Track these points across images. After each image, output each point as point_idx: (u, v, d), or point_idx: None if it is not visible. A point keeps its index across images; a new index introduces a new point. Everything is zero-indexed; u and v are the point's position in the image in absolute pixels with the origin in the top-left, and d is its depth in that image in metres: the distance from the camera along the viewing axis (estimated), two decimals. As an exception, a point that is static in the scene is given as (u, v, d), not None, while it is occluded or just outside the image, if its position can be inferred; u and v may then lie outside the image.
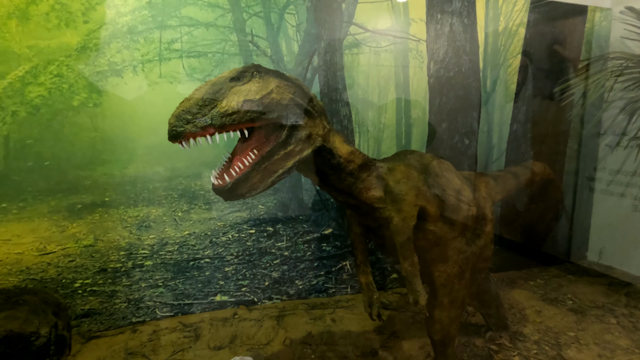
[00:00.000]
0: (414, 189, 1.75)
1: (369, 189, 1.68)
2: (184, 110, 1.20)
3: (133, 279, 2.81)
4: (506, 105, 3.59)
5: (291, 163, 1.37)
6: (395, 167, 1.79)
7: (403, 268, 1.74)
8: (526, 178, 2.80)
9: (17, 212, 2.53)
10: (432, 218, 1.82)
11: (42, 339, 2.21)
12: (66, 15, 2.48)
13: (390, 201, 1.72)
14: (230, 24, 2.77)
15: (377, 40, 3.11)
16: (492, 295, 2.53)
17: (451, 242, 1.93)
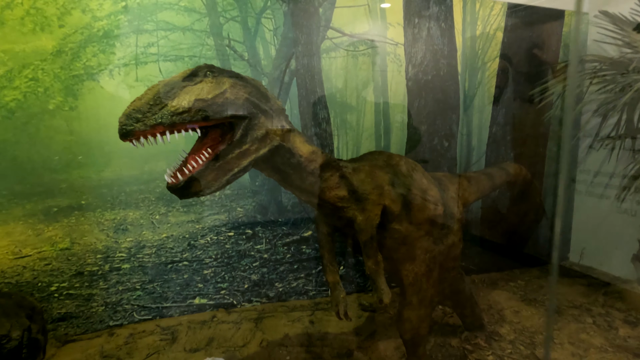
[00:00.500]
0: (377, 188, 1.77)
1: (332, 188, 1.70)
2: (134, 109, 1.21)
3: (110, 282, 2.81)
4: (485, 108, 3.64)
5: (247, 162, 1.39)
6: (360, 167, 1.81)
7: (367, 267, 1.76)
8: (502, 179, 2.83)
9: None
10: (397, 217, 1.85)
11: (13, 342, 2.20)
12: (41, 20, 2.50)
13: (354, 200, 1.74)
14: (207, 28, 2.80)
15: (355, 44, 3.15)
16: (466, 295, 2.55)
17: (418, 241, 1.95)
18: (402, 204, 1.82)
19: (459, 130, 3.38)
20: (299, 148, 1.55)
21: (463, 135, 3.65)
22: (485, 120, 3.56)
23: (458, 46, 3.27)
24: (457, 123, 3.42)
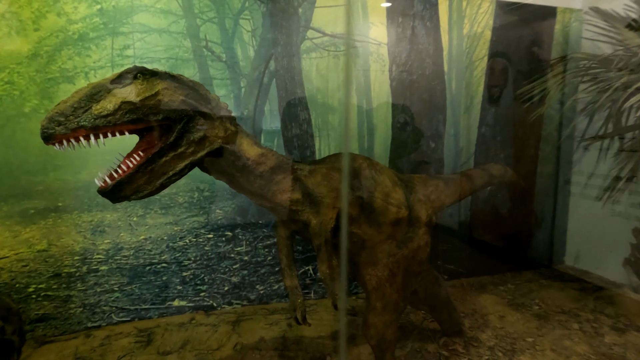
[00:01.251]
0: (333, 191, 1.74)
1: (284, 191, 1.67)
2: (57, 112, 1.21)
3: (88, 284, 2.83)
4: (473, 108, 3.57)
5: (183, 165, 1.38)
6: (317, 170, 1.78)
7: (320, 271, 1.73)
8: (483, 181, 2.77)
9: (-32, 217, 2.56)
10: (355, 221, 1.81)
11: (-18, 343, 2.21)
12: (16, 24, 2.53)
13: (308, 203, 1.71)
14: (184, 30, 2.79)
15: (336, 44, 3.12)
16: (442, 299, 2.50)
17: (379, 245, 1.91)
18: (360, 207, 1.78)
19: (446, 131, 3.30)
20: (246, 150, 1.53)
21: (450, 136, 3.58)
22: (473, 121, 3.49)
23: (444, 45, 3.20)
24: (443, 123, 3.36)
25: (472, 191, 2.75)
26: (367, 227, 1.86)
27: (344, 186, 1.75)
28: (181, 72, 2.87)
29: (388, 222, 1.91)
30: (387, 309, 1.99)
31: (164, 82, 1.35)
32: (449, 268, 3.72)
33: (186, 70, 2.83)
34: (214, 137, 1.44)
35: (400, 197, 1.98)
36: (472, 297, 3.41)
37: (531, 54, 3.74)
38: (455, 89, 3.54)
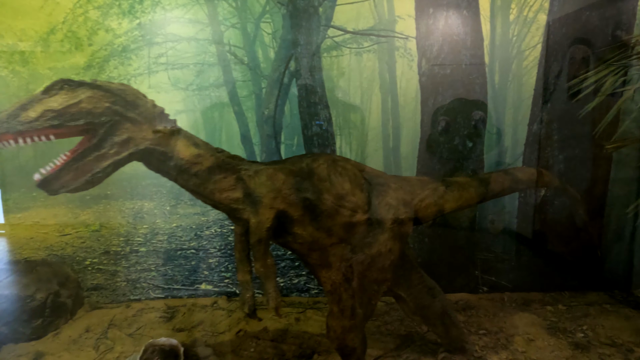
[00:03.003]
0: (272, 191, 1.77)
1: (223, 190, 1.76)
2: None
3: (130, 262, 3.27)
4: (522, 103, 3.18)
5: (106, 164, 1.56)
6: (262, 170, 1.83)
7: (255, 269, 1.78)
8: (503, 186, 2.49)
9: (44, 199, 3.17)
10: (298, 222, 1.82)
11: (36, 302, 2.74)
12: (75, 41, 3.02)
13: (249, 203, 1.78)
14: (209, 37, 3.03)
15: (359, 41, 3.06)
16: (436, 312, 2.34)
17: (331, 248, 1.89)
18: (304, 209, 1.78)
19: (487, 129, 3.03)
20: (181, 151, 1.66)
21: (492, 135, 3.24)
22: (522, 117, 3.12)
23: (485, 34, 2.93)
24: (484, 121, 3.08)
25: (488, 197, 2.49)
26: (312, 228, 1.84)
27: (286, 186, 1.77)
28: (207, 76, 3.12)
29: (339, 225, 1.87)
30: (345, 314, 1.95)
31: (89, 91, 1.54)
32: (490, 279, 3.39)
33: (212, 73, 3.06)
34: (140, 139, 1.60)
35: (357, 200, 1.91)
36: (506, 314, 3.07)
37: (614, 38, 3.19)
38: (498, 83, 3.18)
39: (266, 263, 1.79)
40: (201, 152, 1.75)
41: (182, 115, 3.13)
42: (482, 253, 3.40)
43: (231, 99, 3.10)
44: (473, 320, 3.00)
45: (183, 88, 3.08)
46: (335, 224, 1.86)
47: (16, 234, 3.30)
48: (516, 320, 3.03)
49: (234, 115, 3.13)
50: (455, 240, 3.38)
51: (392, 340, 2.73)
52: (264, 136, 3.17)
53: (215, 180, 1.78)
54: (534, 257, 3.42)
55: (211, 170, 1.76)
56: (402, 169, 3.24)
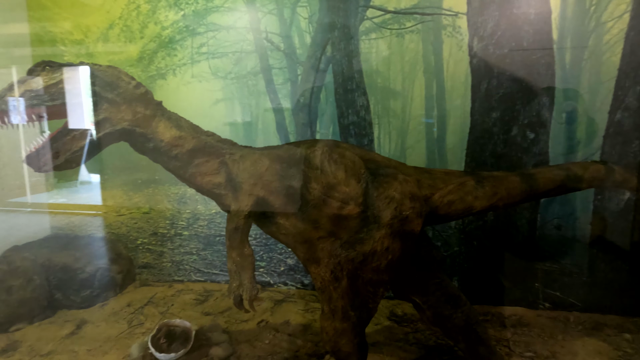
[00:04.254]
0: (253, 177, 1.69)
1: (205, 174, 1.72)
2: None
3: (175, 244, 3.45)
4: (600, 87, 2.66)
5: (82, 143, 1.59)
6: (248, 155, 1.76)
7: (229, 257, 1.70)
8: (554, 184, 2.10)
9: (103, 182, 3.47)
10: (280, 211, 1.69)
11: (85, 274, 3.01)
12: (129, 34, 3.25)
13: (230, 188, 1.71)
14: (247, 24, 3.03)
15: (401, 21, 2.81)
16: (458, 325, 2.06)
17: (318, 242, 1.74)
18: (286, 197, 1.66)
19: (554, 118, 2.62)
20: (161, 133, 1.66)
21: (561, 125, 2.76)
22: (601, 104, 2.62)
23: (554, 5, 2.54)
24: (550, 108, 2.69)
25: (534, 196, 2.12)
26: (296, 219, 1.71)
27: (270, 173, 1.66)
28: (244, 64, 3.14)
29: (326, 217, 1.71)
30: (336, 315, 1.79)
31: (67, 72, 1.58)
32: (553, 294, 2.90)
33: (249, 61, 3.07)
34: (117, 120, 1.62)
35: (350, 191, 1.72)
36: (567, 337, 2.60)
37: None
38: (570, 63, 2.69)
39: (243, 252, 1.71)
40: (183, 134, 1.73)
41: (221, 104, 3.18)
42: (545, 263, 2.92)
43: (267, 87, 3.07)
44: (521, 339, 2.59)
45: (222, 77, 3.14)
46: (322, 215, 1.70)
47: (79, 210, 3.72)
48: (577, 345, 2.54)
49: (270, 103, 3.09)
50: (511, 245, 2.95)
51: (417, 351, 2.47)
52: (299, 124, 3.09)
53: (197, 164, 1.74)
54: (613, 273, 2.84)
55: (192, 153, 1.73)
56: (447, 162, 2.92)
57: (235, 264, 1.74)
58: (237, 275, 1.90)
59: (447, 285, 2.10)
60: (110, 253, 3.30)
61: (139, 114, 1.69)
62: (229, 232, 1.74)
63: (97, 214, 3.80)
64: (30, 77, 1.64)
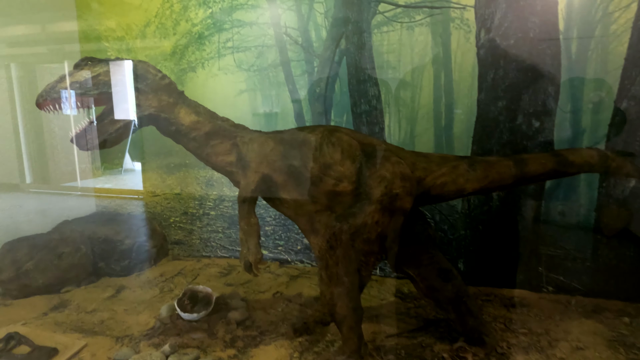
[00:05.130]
0: (259, 157, 1.95)
1: (219, 154, 2.00)
2: (44, 90, 1.91)
3: (203, 223, 3.79)
4: (606, 76, 2.73)
5: (118, 126, 1.89)
6: (256, 138, 2.01)
7: (240, 226, 1.96)
8: (545, 169, 2.24)
9: (143, 167, 3.85)
10: (282, 187, 1.95)
11: (124, 246, 3.41)
12: (163, 31, 3.58)
13: (240, 167, 1.97)
14: (268, 20, 3.29)
15: (411, 14, 2.98)
16: (448, 297, 2.26)
17: (316, 214, 1.98)
18: (288, 175, 1.91)
19: (560, 107, 2.75)
20: (182, 118, 1.95)
21: (566, 113, 2.84)
22: (606, 93, 2.70)
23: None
24: (555, 97, 2.83)
25: (526, 179, 2.27)
26: (297, 194, 1.94)
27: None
28: (266, 58, 3.41)
29: (323, 192, 1.94)
30: (332, 281, 2.03)
31: (106, 67, 1.88)
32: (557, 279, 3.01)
33: (270, 55, 3.32)
34: (145, 106, 1.91)
35: (345, 171, 1.95)
36: (564, 318, 2.72)
37: None
38: (576, 53, 2.76)
39: (250, 221, 1.97)
40: (200, 119, 2.00)
41: (245, 94, 3.46)
42: (549, 248, 3.02)
43: (286, 78, 3.32)
44: (519, 317, 2.74)
45: (246, 69, 3.41)
46: (319, 191, 1.93)
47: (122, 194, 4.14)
48: (573, 326, 2.65)
49: (289, 94, 3.34)
50: (515, 230, 3.07)
51: (416, 323, 2.68)
52: (315, 114, 3.32)
53: (212, 145, 2.01)
54: (616, 259, 2.90)
55: (209, 136, 2.00)
56: (454, 149, 3.06)
57: (243, 232, 2.01)
58: (246, 243, 2.18)
59: (439, 260, 2.29)
60: (146, 229, 3.68)
61: (164, 101, 1.97)
62: (239, 204, 2.00)
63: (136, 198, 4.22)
64: (75, 70, 1.97)
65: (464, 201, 3.16)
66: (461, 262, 3.23)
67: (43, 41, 4.65)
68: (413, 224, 2.25)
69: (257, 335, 2.53)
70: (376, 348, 2.38)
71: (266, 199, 2.13)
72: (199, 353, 2.29)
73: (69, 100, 1.96)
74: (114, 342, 2.47)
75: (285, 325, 2.63)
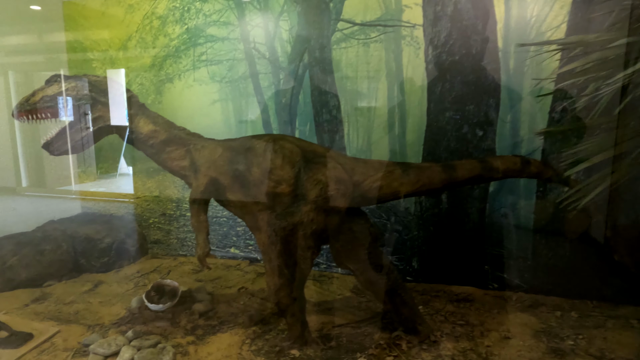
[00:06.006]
0: (208, 161, 2.20)
1: (174, 159, 2.25)
2: (19, 103, 2.17)
3: (180, 224, 4.05)
4: (542, 90, 2.98)
5: (84, 134, 2.16)
6: (207, 145, 2.28)
7: (191, 223, 2.22)
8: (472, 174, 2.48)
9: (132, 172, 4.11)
10: (229, 188, 2.21)
11: (103, 244, 3.66)
12: (144, 45, 3.86)
13: (192, 170, 2.23)
14: (238, 36, 3.56)
15: (367, 32, 3.24)
16: (385, 289, 2.48)
17: (259, 213, 2.23)
18: (233, 178, 2.17)
19: (500, 117, 3.00)
20: (141, 127, 2.21)
21: (505, 123, 3.09)
22: (542, 105, 2.95)
23: (499, 17, 2.93)
24: (496, 109, 3.09)
25: (455, 184, 2.51)
26: (241, 195, 2.20)
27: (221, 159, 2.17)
28: (236, 70, 3.68)
29: (264, 194, 2.18)
30: (274, 273, 2.28)
31: (74, 82, 2.15)
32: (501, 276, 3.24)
33: (240, 68, 3.59)
34: (108, 118, 2.17)
35: (284, 174, 2.20)
36: (502, 311, 2.96)
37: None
38: (514, 68, 3.02)
39: (199, 219, 2.22)
40: (158, 128, 2.26)
41: (218, 104, 3.73)
42: (494, 248, 3.26)
43: (255, 89, 3.59)
44: (460, 311, 2.98)
45: (218, 81, 3.68)
46: (261, 193, 2.17)
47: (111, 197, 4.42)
48: (508, 318, 2.89)
49: (257, 104, 3.61)
50: (463, 231, 3.32)
51: (363, 315, 2.91)
52: (281, 122, 3.58)
53: (168, 151, 2.27)
54: (554, 258, 3.14)
55: (165, 143, 2.26)
56: (407, 156, 3.31)
57: (194, 228, 2.26)
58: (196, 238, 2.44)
59: (376, 255, 2.53)
60: (126, 229, 3.94)
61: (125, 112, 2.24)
62: (190, 204, 2.26)
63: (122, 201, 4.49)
64: (47, 85, 2.24)
65: (417, 204, 3.41)
66: (415, 260, 3.47)
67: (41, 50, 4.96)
68: (354, 223, 2.50)
69: (216, 324, 2.78)
70: (322, 336, 2.62)
71: (217, 200, 2.39)
72: (160, 339, 2.54)
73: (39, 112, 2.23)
74: (85, 329, 2.72)
75: (244, 316, 2.88)
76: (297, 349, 2.40)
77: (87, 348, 2.47)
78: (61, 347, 2.53)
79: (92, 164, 5.66)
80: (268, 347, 2.50)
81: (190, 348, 2.51)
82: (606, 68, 2.30)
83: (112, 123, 2.29)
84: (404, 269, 3.50)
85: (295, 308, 2.35)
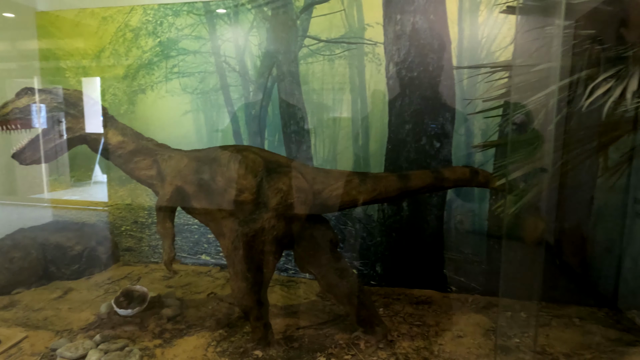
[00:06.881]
0: (174, 171, 2.32)
1: (141, 168, 2.36)
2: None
3: (152, 231, 4.12)
4: (494, 104, 3.20)
5: (53, 145, 2.25)
6: (174, 155, 2.39)
7: (157, 229, 2.33)
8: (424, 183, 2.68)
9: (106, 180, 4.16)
10: (194, 197, 2.33)
11: (74, 252, 3.70)
12: (117, 56, 3.94)
13: (159, 179, 2.34)
14: (210, 50, 3.69)
15: (331, 48, 3.42)
16: (344, 292, 2.65)
17: (222, 220, 2.35)
18: (198, 187, 2.29)
19: (455, 130, 3.20)
20: (109, 138, 2.31)
21: (461, 136, 3.30)
22: (493, 119, 3.17)
23: (453, 38, 3.13)
24: (452, 122, 3.28)
25: (409, 192, 2.69)
26: (206, 203, 2.32)
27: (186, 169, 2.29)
28: (208, 82, 3.79)
29: (227, 202, 2.32)
30: (238, 277, 2.40)
31: (44, 95, 2.25)
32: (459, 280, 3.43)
33: (211, 80, 3.72)
34: (77, 129, 2.27)
35: (247, 184, 2.34)
36: (457, 312, 3.14)
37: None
38: (467, 85, 3.24)
39: (165, 226, 2.33)
40: (126, 139, 2.37)
41: (189, 115, 3.84)
42: (451, 252, 3.45)
43: (226, 101, 3.72)
44: (418, 313, 3.15)
45: (190, 92, 3.79)
46: (224, 200, 2.30)
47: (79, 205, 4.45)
48: (462, 318, 3.07)
49: (228, 115, 3.74)
50: (423, 237, 3.50)
51: (326, 317, 3.05)
52: (251, 133, 3.72)
53: (135, 161, 2.38)
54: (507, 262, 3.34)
55: (133, 153, 2.37)
56: (370, 165, 3.49)
57: (160, 235, 2.37)
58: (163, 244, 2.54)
59: (337, 260, 2.68)
60: (97, 237, 3.99)
61: (94, 125, 2.34)
62: (156, 211, 2.37)
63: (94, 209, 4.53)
64: (17, 98, 2.32)
65: (379, 211, 3.58)
66: (379, 265, 3.64)
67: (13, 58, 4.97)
68: (315, 229, 2.64)
69: (184, 328, 2.87)
70: (286, 337, 2.74)
71: (183, 208, 2.50)
72: (128, 342, 2.62)
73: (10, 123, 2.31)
74: (54, 335, 2.78)
75: (211, 320, 2.98)
76: (260, 350, 2.52)
77: (55, 352, 2.53)
78: (29, 352, 2.58)
79: (66, 172, 5.65)
80: (233, 348, 2.61)
81: (157, 351, 2.59)
82: (530, 89, 2.53)
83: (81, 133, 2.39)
84: (368, 274, 3.66)
85: (257, 311, 2.48)
